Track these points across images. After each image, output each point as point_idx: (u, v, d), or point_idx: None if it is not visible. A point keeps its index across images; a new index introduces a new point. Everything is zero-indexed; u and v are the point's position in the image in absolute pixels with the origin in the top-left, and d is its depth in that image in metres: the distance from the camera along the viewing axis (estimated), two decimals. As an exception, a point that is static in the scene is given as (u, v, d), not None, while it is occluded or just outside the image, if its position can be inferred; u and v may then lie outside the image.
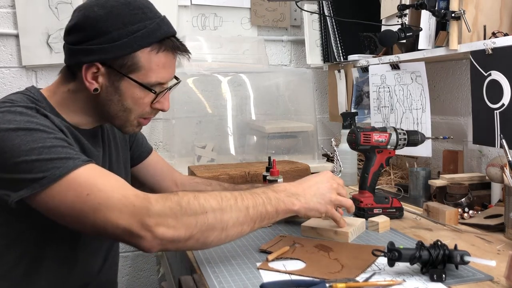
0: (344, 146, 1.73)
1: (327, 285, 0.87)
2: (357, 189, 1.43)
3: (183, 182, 1.43)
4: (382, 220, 1.26)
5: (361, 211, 1.36)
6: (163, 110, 1.11)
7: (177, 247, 0.93)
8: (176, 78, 1.13)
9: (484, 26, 1.44)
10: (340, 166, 1.29)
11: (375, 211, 1.36)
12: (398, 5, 1.54)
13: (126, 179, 1.20)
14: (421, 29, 1.57)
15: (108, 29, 0.99)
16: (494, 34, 1.41)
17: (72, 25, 1.03)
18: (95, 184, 0.89)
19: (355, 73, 2.06)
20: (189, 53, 1.09)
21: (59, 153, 0.91)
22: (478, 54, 1.41)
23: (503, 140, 1.25)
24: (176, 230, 0.89)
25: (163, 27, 1.04)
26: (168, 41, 1.05)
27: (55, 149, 0.91)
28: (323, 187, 1.09)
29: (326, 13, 2.15)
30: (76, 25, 1.02)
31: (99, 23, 0.99)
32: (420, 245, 0.94)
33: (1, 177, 0.90)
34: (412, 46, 1.68)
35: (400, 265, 0.97)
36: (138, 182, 1.37)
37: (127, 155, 1.31)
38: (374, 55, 1.99)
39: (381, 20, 1.85)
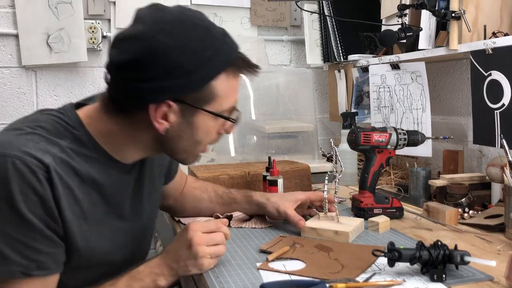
0: (344, 146, 1.72)
1: (327, 285, 0.87)
2: (357, 189, 1.43)
3: (184, 190, 1.40)
4: (382, 220, 1.26)
5: (361, 211, 1.36)
6: (227, 133, 1.04)
7: None
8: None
9: (484, 26, 1.44)
10: (341, 166, 1.29)
11: (375, 211, 1.36)
12: (398, 5, 1.54)
13: (153, 210, 1.15)
14: (421, 29, 1.56)
15: (180, 62, 0.87)
16: (494, 34, 1.41)
17: (132, 60, 0.86)
18: None
19: (355, 73, 2.06)
20: (259, 68, 0.99)
21: (12, 248, 0.82)
22: (478, 54, 1.41)
23: (504, 140, 1.25)
24: None
25: (230, 44, 0.94)
26: (239, 60, 0.95)
27: (12, 243, 0.82)
28: (183, 252, 0.97)
29: (326, 13, 2.15)
30: (137, 60, 0.86)
31: (169, 55, 0.86)
32: (420, 245, 0.94)
33: None
34: (412, 46, 1.68)
35: (400, 265, 0.97)
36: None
37: (161, 179, 1.21)
38: (374, 55, 1.99)
39: (381, 20, 1.85)
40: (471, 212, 1.37)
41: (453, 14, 1.43)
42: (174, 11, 0.91)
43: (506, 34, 1.41)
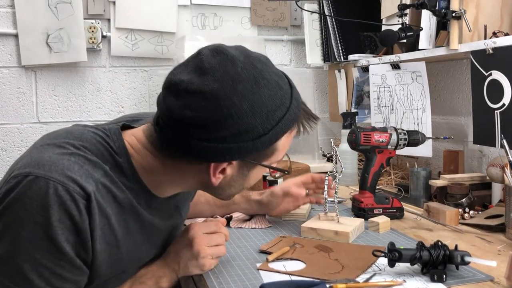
0: (344, 146, 1.72)
1: (327, 285, 0.87)
2: (358, 189, 1.43)
3: None
4: (382, 220, 1.26)
5: (362, 212, 1.36)
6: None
7: None
8: None
9: (485, 26, 1.43)
10: (342, 166, 1.29)
11: (376, 211, 1.35)
12: (399, 5, 1.54)
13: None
14: (422, 29, 1.56)
15: (252, 125, 0.82)
16: (494, 34, 1.41)
17: (201, 118, 0.81)
18: None
19: (355, 73, 2.06)
20: (318, 119, 0.97)
21: (39, 275, 0.79)
22: (479, 54, 1.41)
23: (504, 140, 1.24)
24: None
25: (296, 97, 0.90)
26: (302, 113, 0.91)
27: (40, 270, 0.79)
28: (184, 253, 0.97)
29: (327, 12, 2.15)
30: (207, 120, 0.81)
31: (242, 119, 0.81)
32: (421, 246, 0.94)
33: None
34: (413, 45, 1.68)
35: (400, 266, 0.97)
36: None
37: (188, 206, 1.18)
38: (374, 55, 1.98)
39: (382, 19, 1.85)
40: (471, 212, 1.37)
41: (453, 14, 1.42)
42: (243, 62, 0.84)
43: (506, 34, 1.40)
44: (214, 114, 0.80)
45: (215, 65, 0.82)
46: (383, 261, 0.99)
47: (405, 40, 1.60)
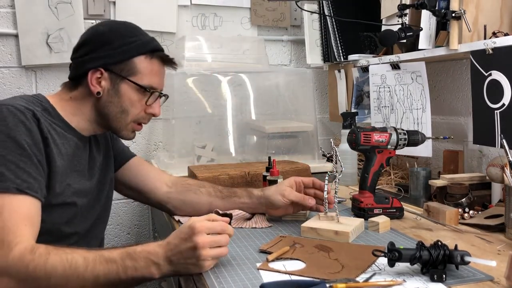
0: (344, 146, 1.72)
1: (327, 285, 0.87)
2: (357, 189, 1.43)
3: (175, 183, 1.43)
4: (382, 220, 1.26)
5: (361, 211, 1.36)
6: (154, 115, 1.28)
7: None
8: (165, 95, 1.30)
9: (485, 26, 1.43)
10: (341, 166, 1.29)
11: (375, 211, 1.35)
12: (399, 5, 1.54)
13: (101, 185, 1.31)
14: (422, 29, 1.56)
15: (110, 40, 1.20)
16: (494, 34, 1.41)
17: (82, 42, 1.23)
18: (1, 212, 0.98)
19: (355, 73, 2.06)
20: (176, 64, 1.31)
21: (7, 168, 1.01)
22: (479, 54, 1.41)
23: (504, 140, 1.24)
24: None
25: (154, 42, 1.25)
26: (159, 52, 1.25)
27: (7, 165, 1.02)
28: (186, 251, 0.98)
29: (326, 12, 2.15)
30: (85, 41, 1.22)
31: (103, 35, 1.21)
32: (421, 245, 0.94)
33: None
34: (413, 46, 1.68)
35: (400, 265, 0.97)
36: (124, 186, 1.43)
37: (109, 162, 1.37)
38: (374, 55, 1.99)
39: (382, 20, 1.85)
40: (471, 212, 1.37)
41: (453, 14, 1.43)
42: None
43: (506, 34, 1.41)
44: (88, 36, 1.22)
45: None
46: (383, 260, 0.99)
47: (405, 40, 1.60)
